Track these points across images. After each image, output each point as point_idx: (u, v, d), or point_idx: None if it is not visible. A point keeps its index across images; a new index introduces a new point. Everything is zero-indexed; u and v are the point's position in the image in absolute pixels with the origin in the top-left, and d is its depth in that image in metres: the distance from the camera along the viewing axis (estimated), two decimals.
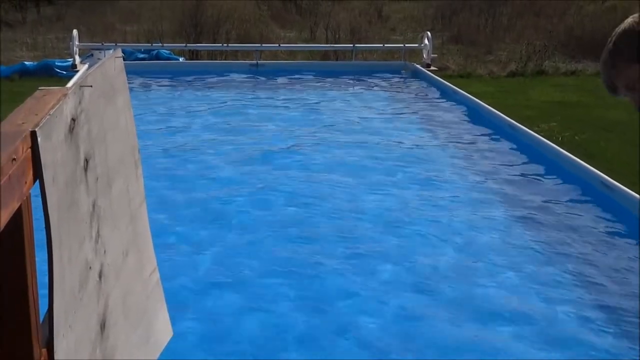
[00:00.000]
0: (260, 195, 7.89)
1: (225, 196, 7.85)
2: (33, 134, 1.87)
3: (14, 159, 1.73)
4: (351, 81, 15.02)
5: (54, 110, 2.04)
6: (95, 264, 2.38)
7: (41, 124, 1.92)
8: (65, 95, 2.22)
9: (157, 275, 3.23)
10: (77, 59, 15.39)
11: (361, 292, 5.79)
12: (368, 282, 5.96)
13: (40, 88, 2.37)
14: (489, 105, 11.70)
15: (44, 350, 1.99)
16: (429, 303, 5.68)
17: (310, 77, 15.15)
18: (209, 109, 12.10)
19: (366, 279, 6.02)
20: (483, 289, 5.89)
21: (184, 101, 12.74)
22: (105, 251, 2.51)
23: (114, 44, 16.11)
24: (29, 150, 1.85)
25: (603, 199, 7.66)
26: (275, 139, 10.15)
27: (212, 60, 17.89)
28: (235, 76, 15.07)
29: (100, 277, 2.44)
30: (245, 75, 15.20)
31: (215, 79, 14.78)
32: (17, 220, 1.82)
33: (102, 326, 2.43)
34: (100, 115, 2.55)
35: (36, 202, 1.98)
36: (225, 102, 12.68)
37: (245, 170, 8.69)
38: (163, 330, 3.24)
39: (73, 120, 2.20)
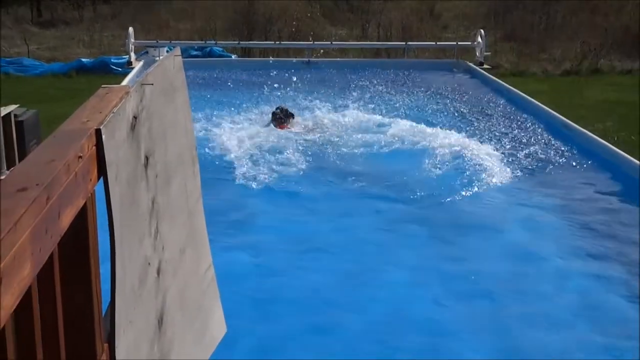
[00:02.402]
0: None
1: None
2: (98, 132, 1.90)
3: (80, 157, 1.76)
4: (405, 79, 14.95)
5: (117, 108, 2.07)
6: (154, 260, 2.41)
7: (105, 122, 1.94)
8: (127, 93, 2.25)
9: (212, 272, 3.25)
10: (133, 56, 15.60)
11: None
12: None
13: (103, 86, 2.40)
14: (543, 104, 11.55)
15: (106, 345, 2.02)
16: None
17: (363, 74, 15.14)
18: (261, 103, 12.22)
19: None
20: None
21: (237, 97, 12.84)
22: (163, 247, 2.53)
23: (169, 42, 16.30)
24: (94, 147, 1.88)
25: None
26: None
27: (263, 57, 17.97)
28: (287, 73, 15.11)
29: (158, 273, 2.46)
30: (298, 72, 15.25)
31: (267, 76, 14.85)
32: (82, 217, 1.84)
33: (160, 322, 2.45)
34: (160, 113, 2.57)
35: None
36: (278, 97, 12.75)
37: None
38: (217, 327, 3.27)
39: (135, 118, 2.23)
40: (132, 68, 14.80)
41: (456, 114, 11.93)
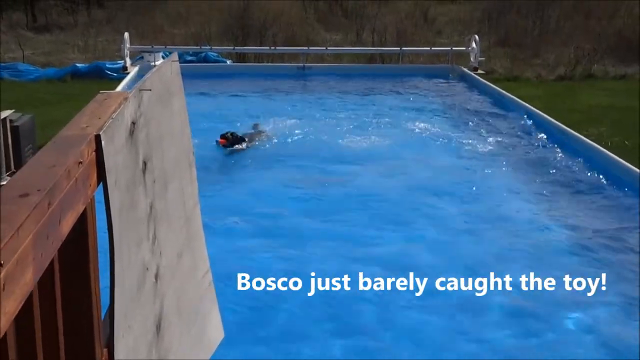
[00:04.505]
0: None
1: None
2: (97, 138, 1.91)
3: (80, 162, 1.77)
4: (399, 84, 14.98)
5: (115, 114, 2.08)
6: (151, 265, 2.42)
7: (104, 128, 1.95)
8: (125, 99, 2.26)
9: (209, 277, 3.25)
10: (128, 61, 15.58)
11: None
12: None
13: (101, 92, 2.42)
14: (537, 109, 11.59)
15: (105, 350, 2.03)
16: None
17: (357, 80, 15.19)
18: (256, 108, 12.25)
19: None
20: None
21: (232, 103, 12.86)
22: (161, 252, 2.54)
23: (164, 47, 16.29)
24: (94, 153, 1.89)
25: None
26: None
27: (258, 63, 17.99)
28: (281, 79, 15.15)
29: (156, 278, 2.47)
30: (292, 78, 15.29)
31: (262, 81, 14.89)
32: (82, 222, 1.86)
33: (158, 327, 2.46)
34: (158, 119, 2.59)
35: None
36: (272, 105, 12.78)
37: None
38: (215, 332, 3.28)
39: (133, 123, 2.24)
40: (128, 73, 14.79)
41: (447, 119, 11.99)
